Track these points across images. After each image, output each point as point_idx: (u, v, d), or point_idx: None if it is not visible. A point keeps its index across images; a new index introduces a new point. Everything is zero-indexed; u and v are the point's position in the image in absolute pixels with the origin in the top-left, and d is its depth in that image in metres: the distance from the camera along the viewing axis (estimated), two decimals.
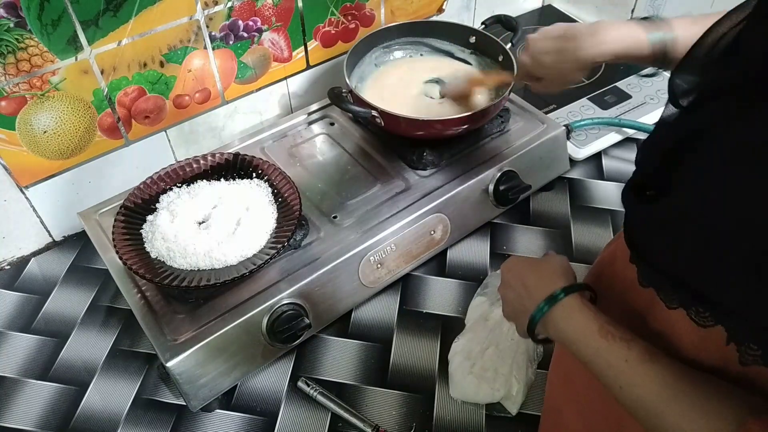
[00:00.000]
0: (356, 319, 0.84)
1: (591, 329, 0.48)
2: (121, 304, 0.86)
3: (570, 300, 0.52)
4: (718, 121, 0.39)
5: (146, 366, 0.79)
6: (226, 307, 0.73)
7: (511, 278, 0.59)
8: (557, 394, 0.66)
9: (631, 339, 0.46)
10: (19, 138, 0.81)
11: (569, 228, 0.95)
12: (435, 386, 0.77)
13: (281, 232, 0.76)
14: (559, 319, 0.52)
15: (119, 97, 0.86)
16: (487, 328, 0.77)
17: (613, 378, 0.46)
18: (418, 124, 0.85)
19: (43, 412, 0.75)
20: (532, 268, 0.57)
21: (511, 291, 0.58)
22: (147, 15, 0.81)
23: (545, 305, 0.52)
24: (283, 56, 1.00)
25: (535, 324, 0.54)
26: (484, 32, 0.98)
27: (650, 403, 0.43)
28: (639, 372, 0.44)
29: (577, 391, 0.60)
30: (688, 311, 0.40)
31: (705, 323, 0.39)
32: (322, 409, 0.75)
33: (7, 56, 0.74)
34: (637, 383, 0.44)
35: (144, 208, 0.79)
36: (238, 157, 0.84)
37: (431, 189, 0.86)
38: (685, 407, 0.41)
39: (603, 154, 1.06)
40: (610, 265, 0.56)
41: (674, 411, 0.41)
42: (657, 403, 0.42)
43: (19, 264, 0.92)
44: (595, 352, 0.47)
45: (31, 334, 0.83)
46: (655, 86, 1.11)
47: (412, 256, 0.85)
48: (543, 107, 1.05)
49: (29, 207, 0.88)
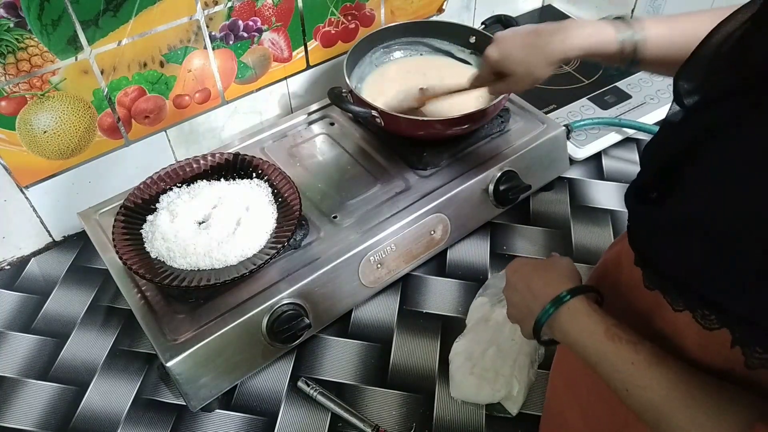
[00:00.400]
0: (356, 319, 0.84)
1: (597, 331, 0.48)
2: (121, 304, 0.86)
3: (576, 302, 0.51)
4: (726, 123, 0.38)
5: (146, 366, 0.79)
6: (226, 307, 0.73)
7: (516, 280, 0.59)
8: (559, 396, 0.66)
9: (638, 341, 0.45)
10: (19, 138, 0.81)
11: (569, 228, 0.95)
12: (435, 386, 0.77)
13: (281, 232, 0.76)
14: (565, 322, 0.51)
15: (119, 97, 0.86)
16: (489, 329, 0.77)
17: (619, 381, 0.45)
18: (418, 124, 0.85)
19: (43, 412, 0.75)
20: (538, 270, 0.57)
21: (517, 293, 0.58)
22: (147, 15, 0.81)
23: (551, 307, 0.52)
24: (283, 56, 1.00)
25: (541, 326, 0.53)
26: (484, 32, 0.98)
27: (658, 406, 0.42)
28: (646, 375, 0.44)
29: (580, 394, 0.59)
30: (694, 314, 0.40)
31: (711, 326, 0.39)
32: (322, 409, 0.75)
33: (7, 56, 0.74)
34: (645, 386, 0.43)
35: (144, 208, 0.79)
36: (238, 157, 0.84)
37: (431, 189, 0.86)
38: (693, 410, 0.41)
39: (603, 154, 1.06)
40: (615, 266, 0.55)
41: (682, 414, 0.41)
42: (665, 406, 0.42)
43: (19, 264, 0.92)
44: (601, 354, 0.47)
45: (31, 334, 0.83)
46: (655, 86, 1.11)
47: (412, 256, 0.85)
48: (543, 107, 1.05)
49: (29, 207, 0.88)
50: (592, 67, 1.17)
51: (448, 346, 0.79)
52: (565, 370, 0.64)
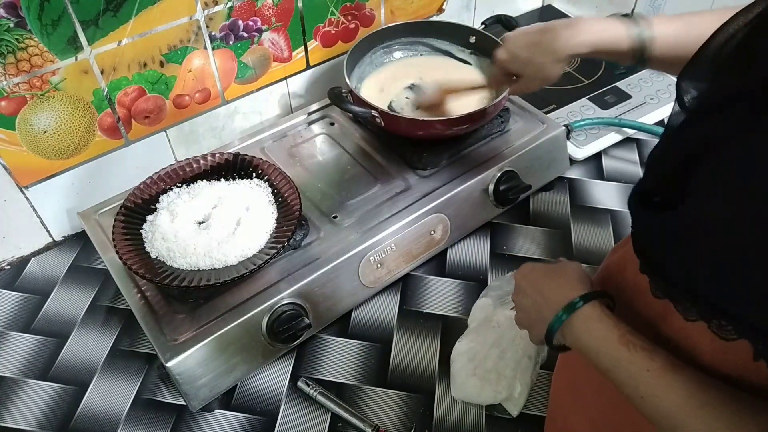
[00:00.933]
0: (356, 319, 0.84)
1: (611, 338, 0.47)
2: (121, 304, 0.86)
3: (589, 308, 0.50)
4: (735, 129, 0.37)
5: (146, 366, 0.79)
6: (226, 307, 0.73)
7: (526, 286, 0.58)
8: (563, 400, 0.65)
9: (653, 349, 0.45)
10: (19, 138, 0.81)
11: (569, 228, 0.95)
12: (435, 386, 0.77)
13: (281, 232, 0.76)
14: (578, 328, 0.51)
15: (119, 97, 0.86)
16: (492, 331, 0.77)
17: (633, 388, 0.45)
18: (418, 124, 0.85)
19: (43, 412, 0.75)
20: (549, 276, 0.56)
21: (527, 299, 0.57)
22: (147, 15, 0.81)
23: (564, 314, 0.51)
24: (283, 56, 1.00)
25: (554, 332, 0.52)
26: (484, 32, 0.98)
27: (673, 414, 0.42)
28: (661, 383, 0.43)
29: (585, 397, 0.59)
30: (710, 324, 0.39)
31: (728, 337, 0.38)
32: (322, 409, 0.75)
33: (7, 56, 0.74)
34: (659, 394, 0.43)
35: (144, 208, 0.79)
36: (238, 157, 0.84)
37: (431, 189, 0.86)
38: (709, 419, 0.40)
39: (603, 154, 1.06)
40: (620, 271, 0.55)
41: (698, 423, 0.40)
42: (680, 414, 0.42)
43: (19, 264, 0.92)
44: (615, 361, 0.46)
45: (31, 334, 0.83)
46: (655, 86, 1.11)
47: (412, 256, 0.85)
48: (543, 107, 1.05)
49: (29, 207, 0.88)
50: (592, 67, 1.17)
51: (448, 346, 0.79)
52: (569, 373, 0.64)
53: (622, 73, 1.13)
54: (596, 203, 0.99)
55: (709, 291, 0.39)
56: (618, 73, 1.13)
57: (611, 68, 1.15)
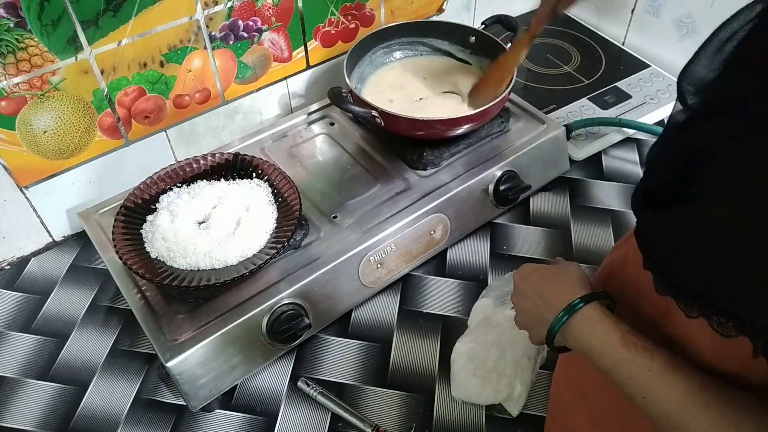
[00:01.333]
0: (356, 319, 0.84)
1: (612, 339, 0.47)
2: (121, 304, 0.86)
3: (590, 309, 0.50)
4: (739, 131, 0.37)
5: (146, 366, 0.79)
6: (226, 307, 0.73)
7: (526, 287, 0.58)
8: (564, 399, 0.65)
9: (654, 348, 0.45)
10: (19, 138, 0.81)
11: (569, 228, 0.95)
12: (435, 386, 0.77)
13: (281, 232, 0.76)
14: (579, 329, 0.51)
15: (119, 97, 0.86)
16: (492, 331, 0.77)
17: (635, 388, 0.45)
18: (418, 124, 0.85)
19: (43, 412, 0.75)
20: (548, 277, 0.56)
21: (527, 300, 0.57)
22: (147, 15, 0.81)
23: (565, 315, 0.51)
24: (283, 56, 1.00)
25: (555, 334, 0.52)
26: (484, 32, 0.98)
27: (675, 413, 0.42)
28: (663, 383, 0.43)
29: (586, 397, 0.59)
30: (710, 321, 0.39)
31: (728, 333, 0.38)
32: (322, 409, 0.75)
33: (7, 56, 0.74)
34: (661, 394, 0.43)
35: (144, 208, 0.79)
36: (238, 157, 0.84)
37: (431, 189, 0.86)
38: (711, 419, 0.40)
39: (603, 154, 1.06)
40: (621, 269, 0.55)
41: (700, 422, 0.41)
42: (682, 413, 0.42)
43: (19, 264, 0.92)
44: (616, 362, 0.46)
45: (31, 334, 0.83)
46: (655, 86, 1.11)
47: (412, 256, 0.85)
48: (543, 107, 1.05)
49: (29, 207, 0.88)
50: (592, 67, 1.17)
51: (448, 346, 0.79)
52: (570, 372, 0.64)
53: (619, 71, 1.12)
54: (596, 203, 0.99)
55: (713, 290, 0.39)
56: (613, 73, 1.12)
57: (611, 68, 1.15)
